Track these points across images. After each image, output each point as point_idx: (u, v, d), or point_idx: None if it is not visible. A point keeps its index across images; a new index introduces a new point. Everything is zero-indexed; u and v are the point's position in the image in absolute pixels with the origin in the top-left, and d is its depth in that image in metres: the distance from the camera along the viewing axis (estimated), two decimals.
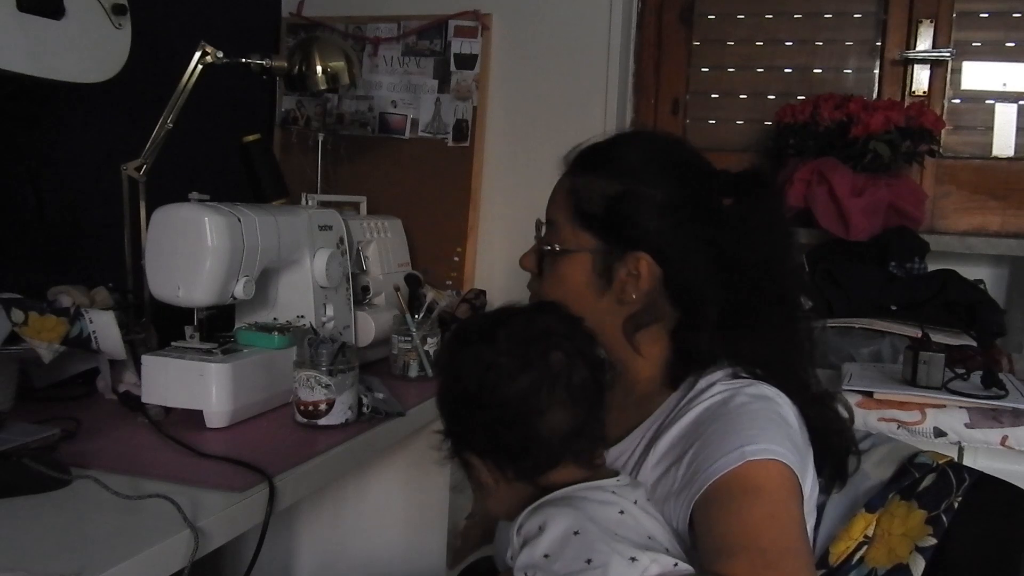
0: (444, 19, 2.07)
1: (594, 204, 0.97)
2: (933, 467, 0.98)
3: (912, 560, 0.93)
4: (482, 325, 0.89)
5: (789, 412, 0.89)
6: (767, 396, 0.89)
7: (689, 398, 0.93)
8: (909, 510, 0.96)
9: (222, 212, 1.25)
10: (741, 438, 0.83)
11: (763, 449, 0.81)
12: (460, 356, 0.88)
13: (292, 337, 1.32)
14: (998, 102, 1.94)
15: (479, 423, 0.85)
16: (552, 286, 1.00)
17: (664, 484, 0.87)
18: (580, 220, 0.98)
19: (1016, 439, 1.34)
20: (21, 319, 1.23)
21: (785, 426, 0.87)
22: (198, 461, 1.07)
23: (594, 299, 0.97)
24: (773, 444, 0.82)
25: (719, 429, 0.86)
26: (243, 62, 1.62)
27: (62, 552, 0.82)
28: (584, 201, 0.98)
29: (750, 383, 0.91)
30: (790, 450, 0.83)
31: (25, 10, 1.23)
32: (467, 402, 0.85)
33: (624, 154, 1.00)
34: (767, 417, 0.86)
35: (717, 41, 2.12)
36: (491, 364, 0.84)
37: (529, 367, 0.83)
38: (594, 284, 0.98)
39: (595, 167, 0.99)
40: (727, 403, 0.88)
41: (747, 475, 0.80)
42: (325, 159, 2.07)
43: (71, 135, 1.64)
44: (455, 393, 0.88)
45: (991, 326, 1.67)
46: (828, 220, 1.79)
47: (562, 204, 1.00)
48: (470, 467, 0.88)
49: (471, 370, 0.85)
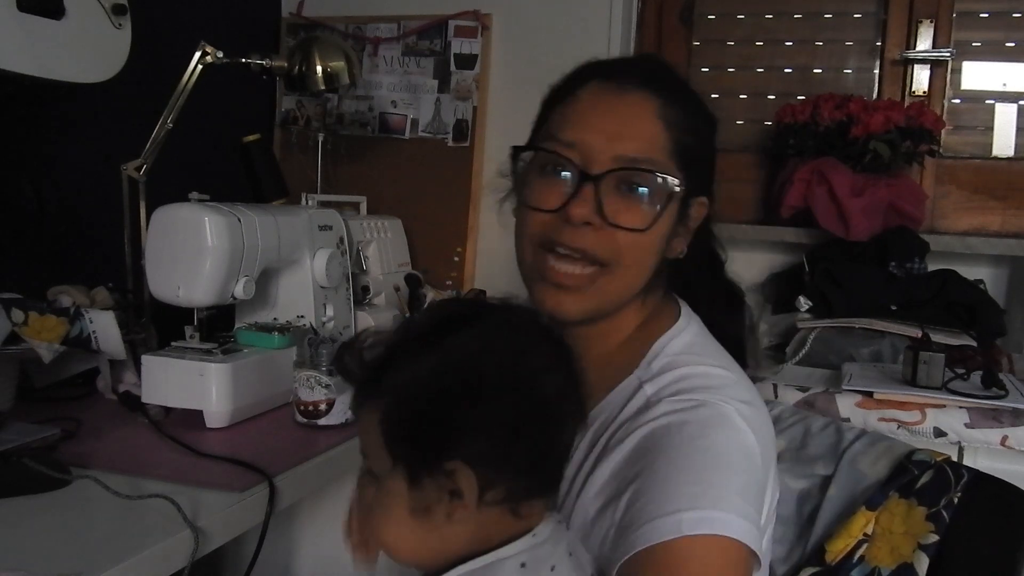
0: (444, 19, 2.07)
1: (690, 140, 0.86)
2: (931, 464, 0.98)
3: (916, 558, 0.93)
4: (500, 305, 0.73)
5: (749, 435, 0.78)
6: (721, 422, 0.77)
7: (637, 411, 0.82)
8: (909, 508, 0.96)
9: (222, 212, 1.25)
10: (680, 497, 0.70)
11: (703, 519, 0.69)
12: (476, 335, 0.68)
13: (292, 337, 1.32)
14: (998, 102, 1.94)
15: (493, 421, 0.65)
16: (646, 237, 0.84)
17: (601, 525, 0.76)
18: (679, 157, 0.85)
19: (1016, 439, 1.34)
20: (21, 319, 1.23)
21: (741, 465, 0.76)
22: (198, 461, 1.07)
23: (662, 254, 0.88)
24: (718, 509, 0.70)
25: (660, 472, 0.73)
26: (243, 62, 1.62)
27: (62, 552, 0.82)
28: (683, 135, 0.85)
29: (700, 402, 0.78)
30: (739, 510, 0.71)
31: (25, 10, 1.23)
32: (482, 393, 0.66)
33: (688, 85, 0.92)
34: (717, 461, 0.74)
35: (717, 41, 2.12)
36: (524, 351, 0.68)
37: (566, 364, 0.70)
38: (671, 231, 0.88)
39: (684, 98, 0.88)
40: (673, 432, 0.76)
41: (678, 555, 0.68)
42: (325, 159, 2.07)
43: (71, 135, 1.64)
44: (463, 378, 0.66)
45: (991, 326, 1.67)
46: (828, 220, 1.79)
47: (656, 135, 0.84)
48: (432, 478, 0.66)
49: (496, 354, 0.67)
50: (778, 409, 1.14)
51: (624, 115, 0.84)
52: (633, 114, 0.84)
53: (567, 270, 0.84)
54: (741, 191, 2.07)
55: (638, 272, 0.86)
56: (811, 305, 1.77)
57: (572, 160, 0.83)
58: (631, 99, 0.84)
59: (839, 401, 1.41)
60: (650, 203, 0.83)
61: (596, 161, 0.82)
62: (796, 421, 1.10)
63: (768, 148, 2.02)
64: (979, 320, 1.66)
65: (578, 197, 0.82)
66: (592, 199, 0.82)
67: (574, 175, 0.83)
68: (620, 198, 0.83)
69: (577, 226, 0.82)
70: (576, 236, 0.83)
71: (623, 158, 0.82)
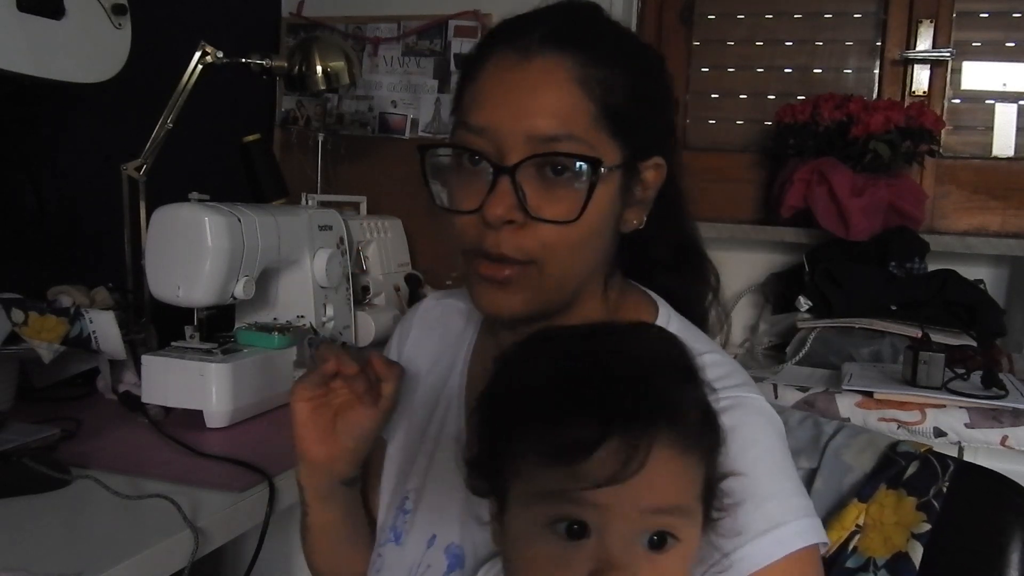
0: (444, 19, 2.07)
1: (622, 98, 0.73)
2: (916, 455, 0.98)
3: (911, 547, 0.94)
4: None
5: (777, 417, 0.75)
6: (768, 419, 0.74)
7: None
8: (899, 498, 0.96)
9: (222, 212, 1.25)
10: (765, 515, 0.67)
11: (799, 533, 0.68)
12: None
13: (292, 337, 1.32)
14: (998, 102, 1.94)
15: None
16: (577, 227, 0.72)
17: None
18: (610, 122, 0.72)
19: (1016, 439, 1.34)
20: (21, 319, 1.23)
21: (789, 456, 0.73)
22: (198, 461, 1.07)
23: (609, 235, 0.77)
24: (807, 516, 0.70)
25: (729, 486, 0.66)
26: (243, 62, 1.62)
27: (62, 552, 0.82)
28: (611, 95, 0.72)
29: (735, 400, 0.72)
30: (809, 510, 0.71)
31: (25, 10, 1.23)
32: None
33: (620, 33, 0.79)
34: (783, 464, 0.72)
35: (717, 41, 2.12)
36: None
37: None
38: (615, 212, 0.76)
39: (608, 49, 0.75)
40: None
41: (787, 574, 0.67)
42: (325, 159, 2.07)
43: (71, 135, 1.64)
44: None
45: (991, 326, 1.67)
46: (828, 220, 1.79)
47: (574, 104, 0.71)
48: None
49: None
50: None
51: (533, 86, 0.71)
52: (543, 83, 0.71)
53: (496, 269, 0.74)
54: (741, 191, 2.07)
55: (576, 262, 0.75)
56: (811, 305, 1.77)
57: (484, 150, 0.72)
58: (539, 65, 0.71)
59: (839, 401, 1.41)
60: (578, 187, 0.71)
61: (509, 147, 0.71)
62: None
63: (768, 148, 2.02)
64: (979, 320, 1.66)
65: (494, 194, 0.71)
66: (510, 193, 0.71)
67: (488, 167, 0.72)
68: (543, 186, 0.71)
69: (498, 228, 0.72)
70: (499, 240, 0.72)
71: (538, 138, 0.70)
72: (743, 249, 2.02)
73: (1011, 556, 0.89)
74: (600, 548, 0.54)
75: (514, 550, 0.59)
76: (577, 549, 0.54)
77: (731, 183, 2.07)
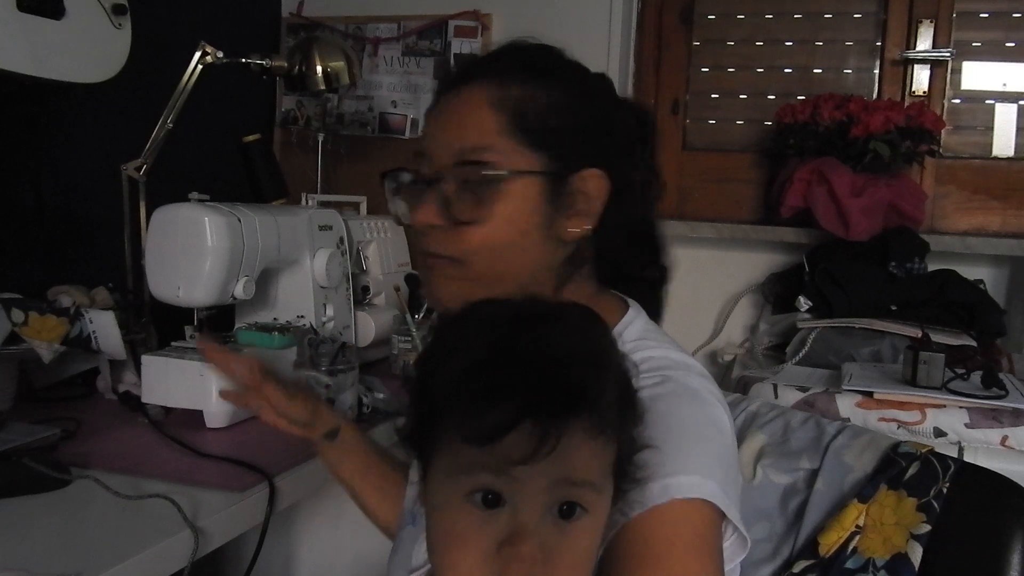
0: (444, 19, 2.07)
1: (540, 115, 0.81)
2: (916, 455, 0.98)
3: (910, 548, 0.93)
4: None
5: (718, 407, 0.79)
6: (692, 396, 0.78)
7: None
8: (899, 499, 0.96)
9: (222, 212, 1.25)
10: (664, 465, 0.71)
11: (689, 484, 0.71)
12: None
13: (292, 337, 1.32)
14: (998, 102, 1.94)
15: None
16: (495, 229, 0.81)
17: None
18: (527, 135, 0.81)
19: (1016, 439, 1.34)
20: (21, 319, 1.23)
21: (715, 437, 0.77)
22: (198, 461, 1.07)
23: (541, 239, 0.82)
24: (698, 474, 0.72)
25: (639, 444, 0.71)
26: (243, 62, 1.62)
27: (62, 552, 0.82)
28: (529, 111, 0.81)
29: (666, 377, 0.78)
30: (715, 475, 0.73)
31: (25, 10, 1.23)
32: None
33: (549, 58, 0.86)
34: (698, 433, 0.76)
35: (717, 41, 2.12)
36: None
37: None
38: (543, 217, 0.82)
39: (530, 74, 0.83)
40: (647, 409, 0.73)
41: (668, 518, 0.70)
42: (325, 159, 2.07)
43: (71, 135, 1.64)
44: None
45: (991, 326, 1.67)
46: (828, 220, 1.79)
47: (489, 120, 0.81)
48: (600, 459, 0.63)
49: None
50: (756, 404, 1.14)
51: (455, 111, 0.83)
52: (463, 107, 0.83)
53: (432, 263, 0.85)
54: (741, 191, 2.07)
55: (499, 261, 0.82)
56: (811, 305, 1.77)
57: (419, 169, 0.85)
58: (465, 95, 0.83)
59: (839, 401, 1.41)
60: (493, 191, 0.80)
61: (439, 164, 0.83)
62: (775, 416, 1.10)
63: (768, 148, 2.02)
64: (979, 320, 1.66)
65: (422, 203, 0.83)
66: (435, 201, 0.82)
67: (420, 182, 0.85)
68: (467, 194, 0.81)
69: (427, 233, 0.83)
70: (427, 242, 0.84)
71: (458, 154, 0.81)
72: (743, 249, 2.02)
73: (1011, 557, 0.89)
74: (513, 517, 0.59)
75: (435, 517, 0.63)
76: (492, 517, 0.59)
77: (731, 183, 2.07)
